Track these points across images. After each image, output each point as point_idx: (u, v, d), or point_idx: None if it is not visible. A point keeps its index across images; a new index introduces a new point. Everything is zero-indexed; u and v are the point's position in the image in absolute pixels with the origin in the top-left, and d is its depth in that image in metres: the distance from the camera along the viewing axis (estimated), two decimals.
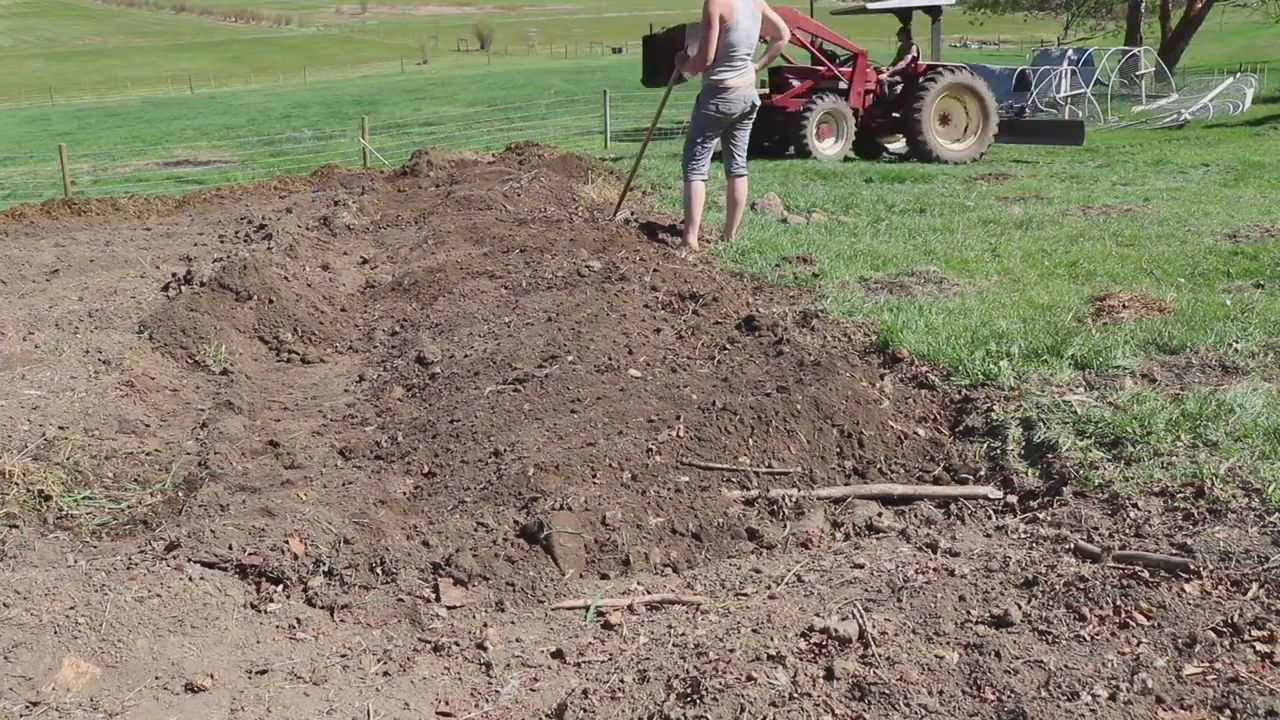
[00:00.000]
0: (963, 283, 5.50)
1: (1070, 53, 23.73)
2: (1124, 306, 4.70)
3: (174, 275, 6.03)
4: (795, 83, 13.26)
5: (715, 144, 6.68)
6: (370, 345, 5.29)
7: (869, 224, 7.57)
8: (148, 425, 3.94)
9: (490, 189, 8.86)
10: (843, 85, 13.24)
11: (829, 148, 12.99)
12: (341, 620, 2.59)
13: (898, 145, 14.25)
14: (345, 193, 9.92)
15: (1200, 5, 27.40)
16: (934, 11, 14.33)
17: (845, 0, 15.46)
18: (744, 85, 6.37)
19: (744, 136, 6.66)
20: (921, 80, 13.19)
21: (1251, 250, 6.01)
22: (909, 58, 13.79)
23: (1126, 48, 26.12)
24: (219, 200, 10.92)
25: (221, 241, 8.06)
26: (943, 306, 4.84)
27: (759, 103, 6.64)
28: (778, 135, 13.19)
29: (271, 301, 5.42)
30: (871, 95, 13.46)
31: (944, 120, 13.46)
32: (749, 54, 6.34)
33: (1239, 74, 23.91)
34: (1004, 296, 5.06)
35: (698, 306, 4.90)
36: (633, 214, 7.69)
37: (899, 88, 13.55)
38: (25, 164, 20.19)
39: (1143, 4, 28.86)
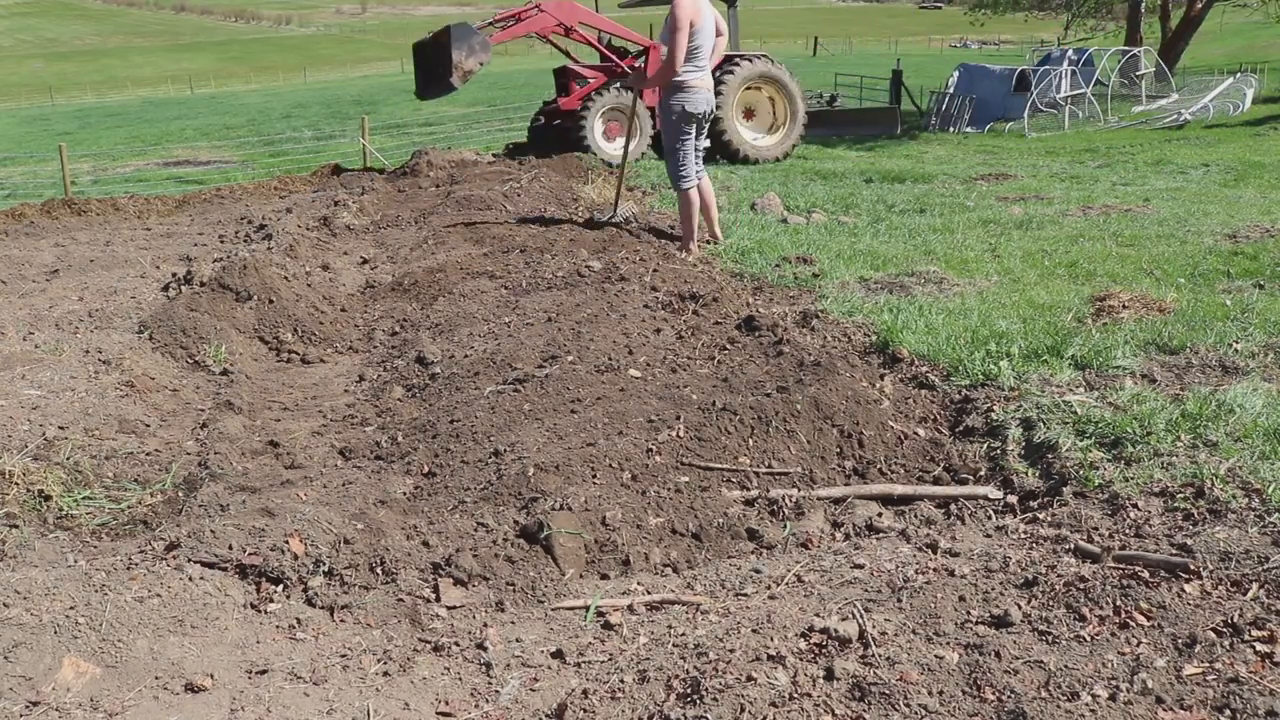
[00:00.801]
0: (963, 283, 5.50)
1: (1070, 53, 23.71)
2: (1124, 307, 4.70)
3: (174, 275, 6.03)
4: (584, 83, 12.05)
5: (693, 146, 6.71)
6: (370, 345, 5.29)
7: (869, 224, 7.57)
8: (148, 425, 3.94)
9: (490, 189, 8.86)
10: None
11: (617, 147, 11.77)
12: (341, 620, 2.59)
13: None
14: (345, 193, 9.92)
15: (1200, 5, 27.38)
16: None
17: None
18: (706, 86, 6.51)
19: (701, 141, 6.79)
20: (719, 72, 11.55)
21: (1252, 250, 6.01)
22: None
23: (1126, 48, 26.10)
24: (219, 200, 10.92)
25: (221, 241, 8.06)
26: (943, 306, 4.84)
27: (713, 108, 6.73)
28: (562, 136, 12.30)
29: (271, 301, 5.42)
30: None
31: (748, 115, 12.34)
32: (709, 55, 6.50)
33: (1239, 74, 23.92)
34: (1004, 296, 5.06)
35: (698, 306, 4.90)
36: (633, 214, 7.68)
37: None
38: (25, 164, 20.20)
39: (1143, 4, 28.84)
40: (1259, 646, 2.05)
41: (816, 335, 4.52)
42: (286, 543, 2.76)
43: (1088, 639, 2.15)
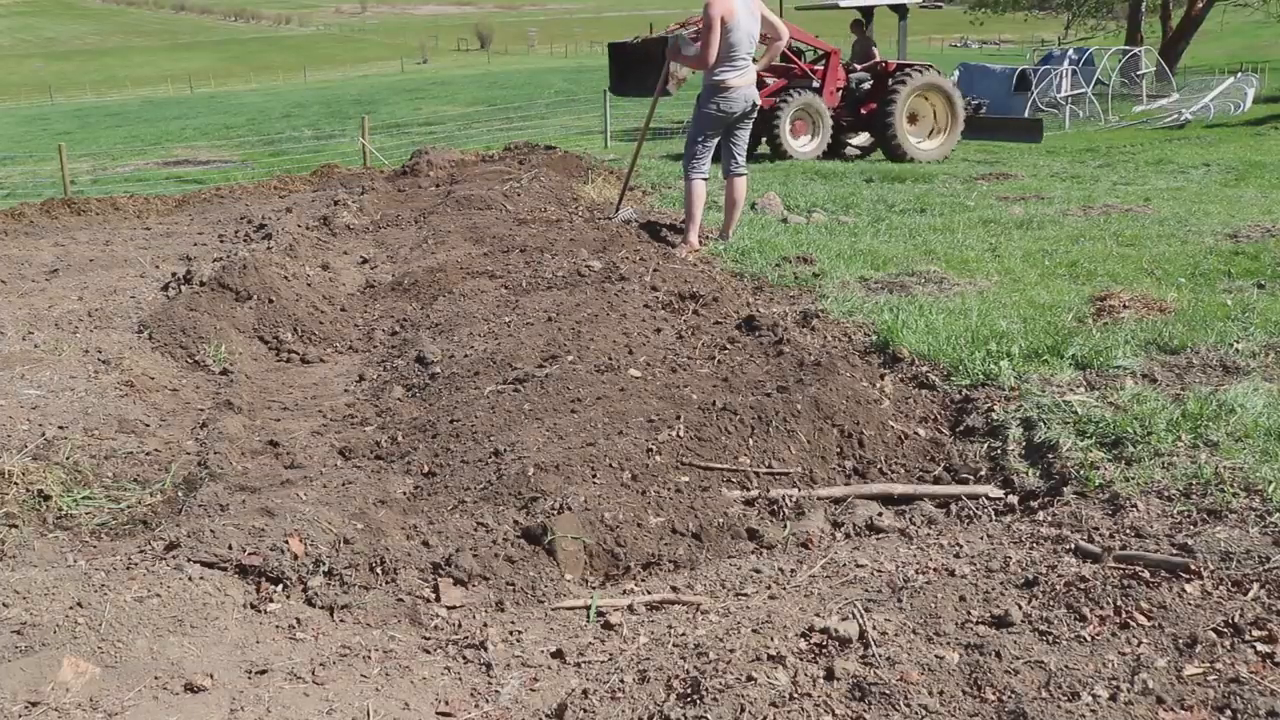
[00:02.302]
0: (963, 282, 5.49)
1: (1071, 52, 23.71)
2: (1125, 306, 4.69)
3: (174, 275, 6.02)
4: (768, 81, 12.86)
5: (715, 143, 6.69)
6: (370, 345, 5.28)
7: (869, 224, 7.57)
8: (147, 425, 3.94)
9: (490, 189, 8.86)
10: (815, 84, 13.09)
11: (804, 145, 12.92)
12: (341, 620, 2.59)
13: (859, 139, 14.25)
14: (345, 192, 9.91)
15: (1201, 5, 27.38)
16: (901, 10, 14.43)
17: None
18: (745, 85, 6.40)
19: (744, 136, 6.69)
20: (892, 80, 13.14)
21: (1252, 250, 6.01)
22: (877, 56, 13.94)
23: (1127, 47, 26.10)
24: (219, 200, 10.91)
25: (221, 241, 8.06)
26: (943, 306, 4.84)
27: (760, 103, 6.66)
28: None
29: (271, 301, 5.42)
30: (840, 93, 13.37)
31: (911, 119, 13.46)
32: (750, 53, 6.37)
33: (1240, 74, 23.89)
34: (1004, 296, 5.06)
35: (698, 306, 4.90)
36: (633, 213, 7.68)
37: (866, 86, 13.53)
38: (25, 163, 20.19)
39: (1143, 3, 28.84)
40: (1260, 646, 2.05)
41: (817, 335, 4.51)
42: (286, 543, 2.76)
43: (1088, 639, 2.15)
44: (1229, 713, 1.88)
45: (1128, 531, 2.64)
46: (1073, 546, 2.59)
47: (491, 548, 2.81)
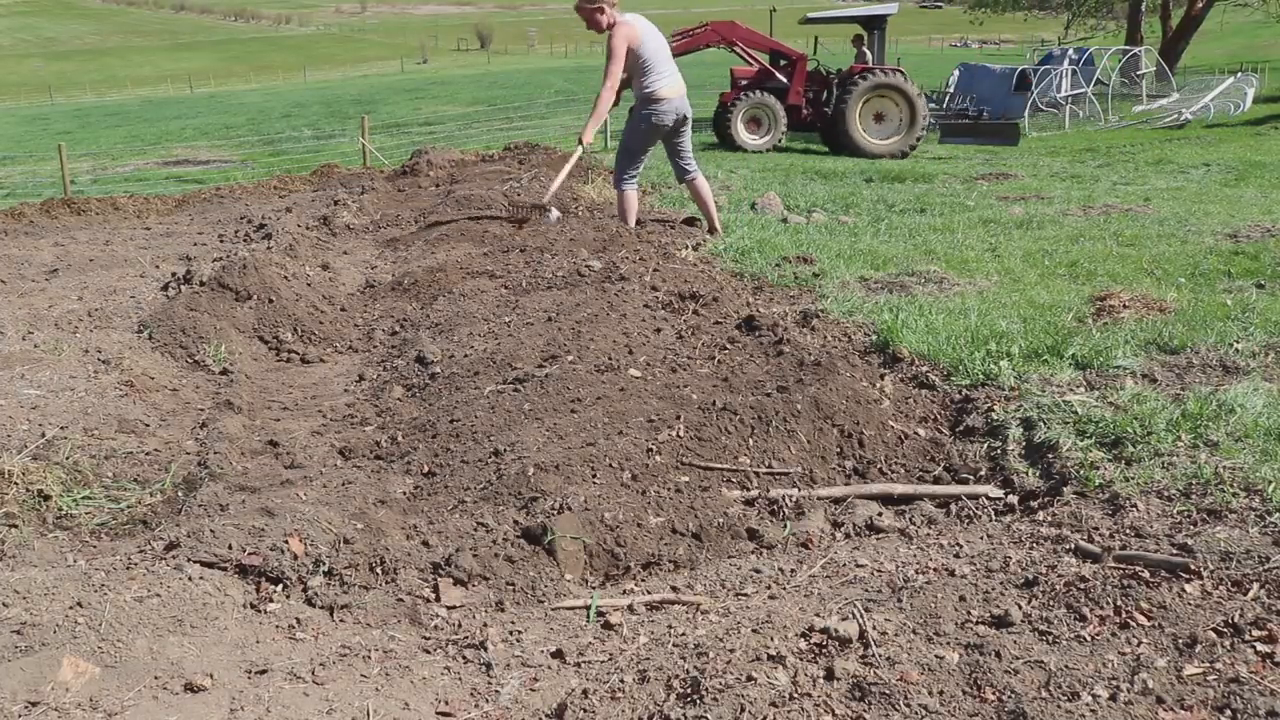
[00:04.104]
0: (963, 282, 5.49)
1: (1071, 52, 23.70)
2: (1124, 306, 4.69)
3: (173, 275, 6.02)
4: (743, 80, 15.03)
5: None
6: (370, 345, 5.28)
7: (869, 223, 7.57)
8: (147, 425, 3.93)
9: (490, 188, 8.86)
10: (783, 85, 14.90)
11: (755, 140, 14.61)
12: (341, 620, 2.59)
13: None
14: (345, 192, 9.91)
15: (1201, 4, 27.37)
16: (876, 23, 16.21)
17: (818, 13, 18.14)
18: (676, 96, 6.68)
19: (686, 143, 6.98)
20: (852, 79, 14.81)
21: (1252, 250, 6.01)
22: (870, 64, 15.54)
23: (1127, 47, 26.09)
24: (219, 200, 10.90)
25: (221, 241, 8.05)
26: (943, 306, 4.84)
27: (691, 114, 6.95)
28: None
29: (271, 301, 5.42)
30: (812, 94, 15.13)
31: (878, 118, 14.87)
32: (669, 63, 6.67)
33: (1240, 73, 23.89)
34: (1004, 296, 5.06)
35: (698, 306, 4.89)
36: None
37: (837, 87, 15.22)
38: (24, 163, 20.19)
39: (1143, 3, 28.83)
40: (1260, 646, 2.05)
41: (816, 335, 4.51)
42: (286, 542, 2.76)
43: (1088, 639, 2.15)
44: (1229, 713, 1.88)
45: (1128, 531, 2.64)
46: (1073, 546, 2.59)
47: (491, 548, 2.81)
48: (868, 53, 16.00)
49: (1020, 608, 2.29)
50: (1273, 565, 2.32)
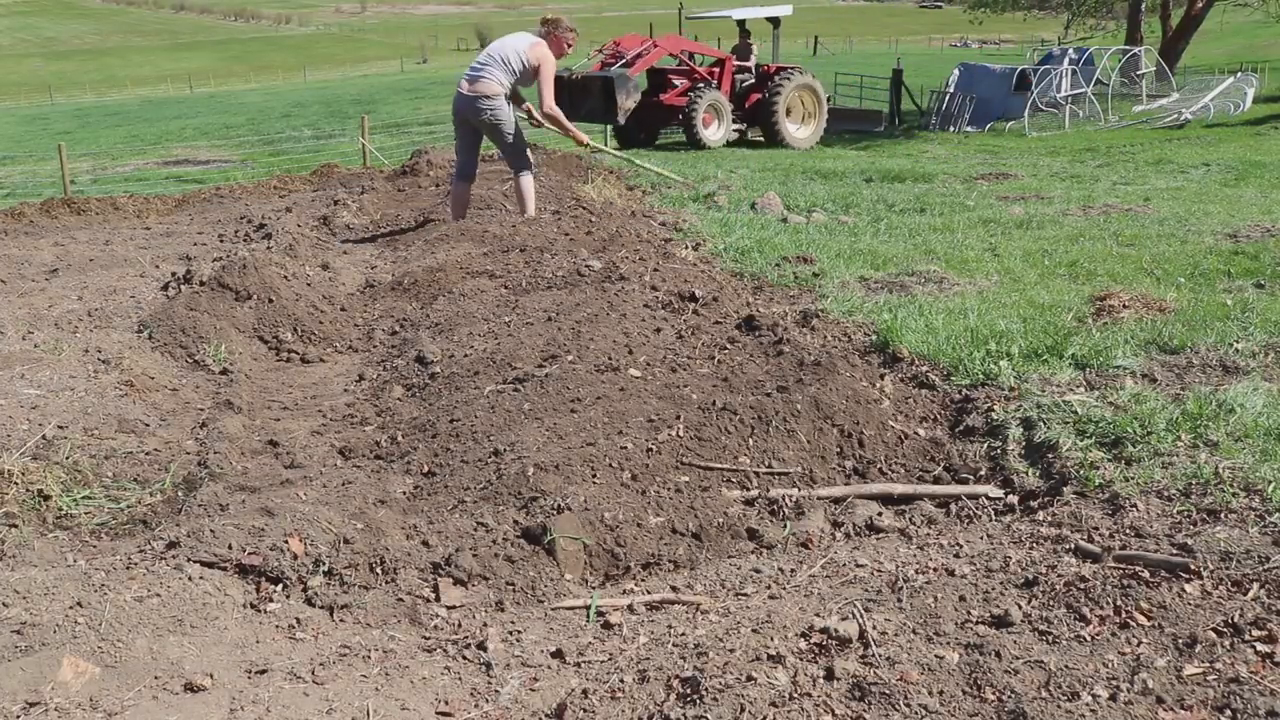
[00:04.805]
0: (963, 282, 5.49)
1: (1071, 52, 23.69)
2: (1124, 306, 4.69)
3: (173, 274, 6.02)
4: (676, 84, 16.66)
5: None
6: (370, 345, 5.28)
7: (869, 223, 7.57)
8: (147, 425, 3.93)
9: (490, 188, 8.85)
10: (715, 84, 16.32)
11: (714, 134, 15.90)
12: (341, 620, 2.59)
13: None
14: (345, 192, 9.91)
15: (1200, 4, 27.34)
16: (775, 21, 18.04)
17: (713, 12, 19.57)
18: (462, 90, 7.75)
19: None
20: (776, 80, 16.64)
21: (1252, 250, 6.01)
22: (753, 57, 17.35)
23: (1127, 47, 26.07)
24: (218, 199, 10.90)
25: (221, 241, 8.05)
26: (943, 306, 4.84)
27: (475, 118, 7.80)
28: (672, 126, 16.94)
29: (271, 301, 5.41)
30: (730, 92, 16.73)
31: (787, 112, 16.81)
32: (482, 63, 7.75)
33: (1239, 73, 23.88)
34: (1004, 296, 5.06)
35: (698, 306, 4.89)
36: (632, 213, 7.68)
37: (747, 84, 16.98)
38: (24, 163, 20.18)
39: (1143, 3, 28.82)
40: (1259, 646, 2.05)
41: (816, 335, 4.51)
42: (286, 542, 2.76)
43: (1088, 639, 2.15)
44: (1229, 713, 1.88)
45: (1128, 531, 2.64)
46: (1073, 546, 2.59)
47: (491, 548, 2.81)
48: (752, 43, 17.70)
49: (1020, 608, 2.29)
50: (1273, 565, 2.32)
